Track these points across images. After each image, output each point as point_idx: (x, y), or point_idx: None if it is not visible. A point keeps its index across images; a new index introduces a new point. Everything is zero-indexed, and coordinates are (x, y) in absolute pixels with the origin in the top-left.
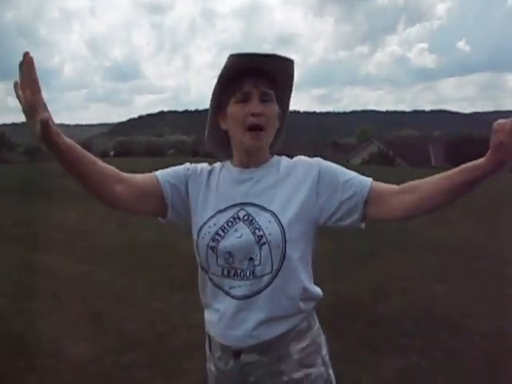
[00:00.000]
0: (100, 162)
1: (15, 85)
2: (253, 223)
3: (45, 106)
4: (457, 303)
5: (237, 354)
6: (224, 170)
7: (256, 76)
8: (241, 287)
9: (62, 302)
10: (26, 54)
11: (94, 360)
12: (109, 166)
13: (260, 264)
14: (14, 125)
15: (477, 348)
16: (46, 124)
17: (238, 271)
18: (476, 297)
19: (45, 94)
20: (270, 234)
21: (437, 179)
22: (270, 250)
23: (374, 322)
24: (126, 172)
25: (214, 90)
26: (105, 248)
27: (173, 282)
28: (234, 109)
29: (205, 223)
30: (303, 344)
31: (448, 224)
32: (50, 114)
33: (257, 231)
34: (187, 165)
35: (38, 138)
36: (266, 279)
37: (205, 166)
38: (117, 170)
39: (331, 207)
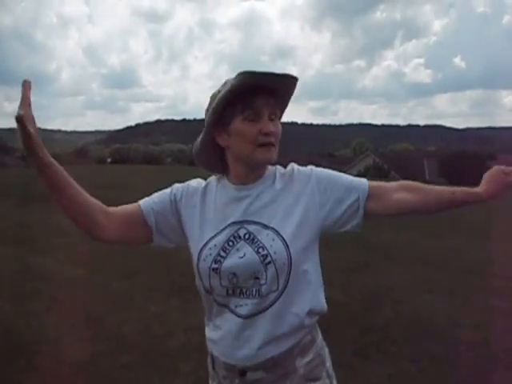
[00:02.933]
0: (85, 193)
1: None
2: (255, 242)
3: (32, 118)
4: (444, 313)
5: (242, 372)
6: (220, 188)
7: (267, 95)
8: (247, 305)
9: (61, 304)
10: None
11: (92, 361)
12: (93, 198)
13: (266, 283)
14: (10, 130)
15: (463, 356)
16: (20, 120)
17: (244, 290)
18: (462, 307)
19: (41, 100)
20: (274, 253)
21: (442, 189)
22: (276, 269)
23: (365, 329)
24: (125, 179)
25: (217, 105)
26: (103, 252)
27: (170, 286)
28: (242, 126)
29: (205, 245)
30: (308, 358)
31: (437, 237)
32: (34, 122)
33: (261, 250)
34: (174, 187)
35: (23, 148)
36: (271, 297)
37: (196, 184)
38: (101, 203)
39: (336, 215)
